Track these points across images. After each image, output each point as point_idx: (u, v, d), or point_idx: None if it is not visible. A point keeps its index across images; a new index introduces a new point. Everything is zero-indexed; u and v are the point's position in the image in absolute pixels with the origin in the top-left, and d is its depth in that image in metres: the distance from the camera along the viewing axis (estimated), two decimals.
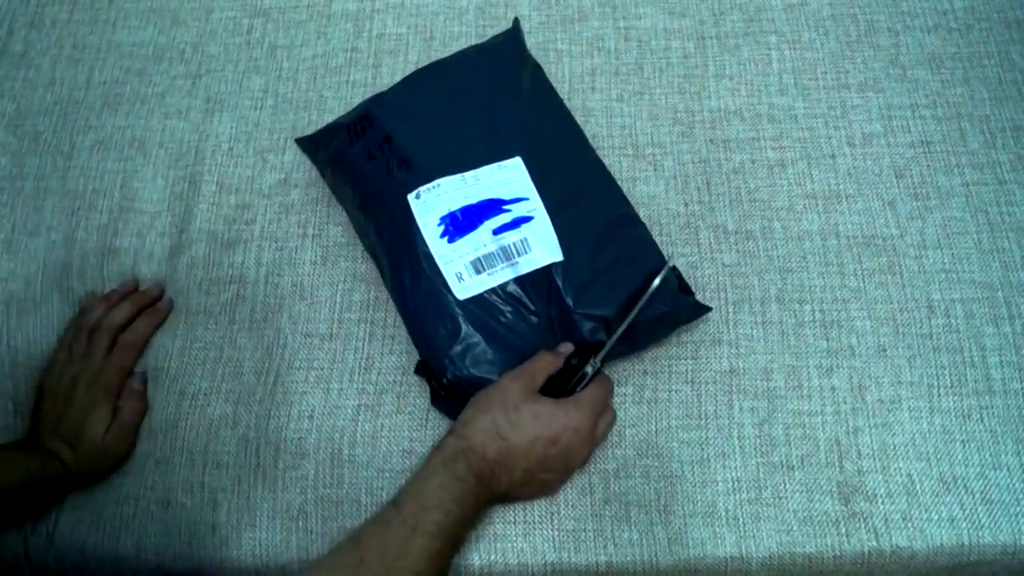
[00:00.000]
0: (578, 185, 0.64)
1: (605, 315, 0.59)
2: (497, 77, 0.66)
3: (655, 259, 0.62)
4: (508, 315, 0.60)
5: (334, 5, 0.79)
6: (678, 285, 0.62)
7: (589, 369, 0.58)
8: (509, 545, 0.58)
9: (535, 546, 0.58)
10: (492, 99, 0.65)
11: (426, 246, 0.60)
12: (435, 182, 0.62)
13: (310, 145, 0.71)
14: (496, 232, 0.60)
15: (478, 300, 0.59)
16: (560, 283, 0.59)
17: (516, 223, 0.60)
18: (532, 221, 0.61)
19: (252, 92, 0.75)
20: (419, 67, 0.68)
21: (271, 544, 0.59)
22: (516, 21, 0.72)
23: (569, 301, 0.59)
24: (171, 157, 0.73)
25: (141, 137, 0.74)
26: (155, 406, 0.63)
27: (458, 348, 0.59)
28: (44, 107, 0.76)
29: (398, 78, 0.74)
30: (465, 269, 0.60)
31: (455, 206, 0.61)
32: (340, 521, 0.60)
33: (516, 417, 0.54)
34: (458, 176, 0.62)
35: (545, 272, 0.59)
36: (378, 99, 0.67)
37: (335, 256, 0.68)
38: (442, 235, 0.60)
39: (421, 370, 0.62)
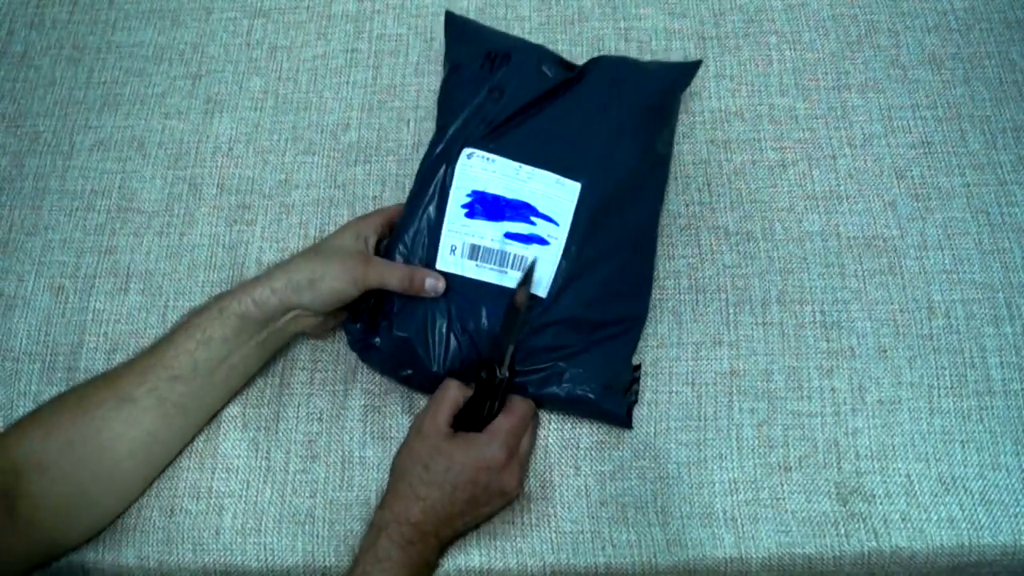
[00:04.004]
0: (616, 247, 0.61)
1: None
2: (634, 105, 0.64)
3: (626, 357, 0.61)
4: (462, 306, 0.59)
5: (334, 6, 0.79)
6: (628, 386, 0.61)
7: (505, 374, 0.57)
8: (509, 544, 0.59)
9: (533, 547, 0.58)
10: (611, 121, 0.63)
11: (445, 205, 0.60)
12: (494, 156, 0.61)
13: (457, 26, 0.69)
14: (507, 236, 0.60)
15: (449, 277, 0.59)
16: (525, 315, 0.58)
17: (530, 239, 0.60)
18: (546, 247, 0.60)
19: (252, 93, 0.75)
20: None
21: (277, 549, 0.59)
22: (697, 64, 0.69)
23: (520, 335, 0.58)
24: (171, 158, 0.73)
25: (141, 138, 0.74)
26: None
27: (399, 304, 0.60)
28: (44, 107, 0.76)
29: (398, 79, 0.75)
30: (462, 246, 0.60)
31: (492, 189, 0.61)
32: (348, 524, 0.60)
33: (428, 475, 0.54)
34: (516, 164, 0.61)
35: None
36: (530, 51, 0.66)
37: None
38: (464, 205, 0.61)
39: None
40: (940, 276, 0.65)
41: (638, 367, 0.63)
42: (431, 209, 0.61)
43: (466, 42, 0.68)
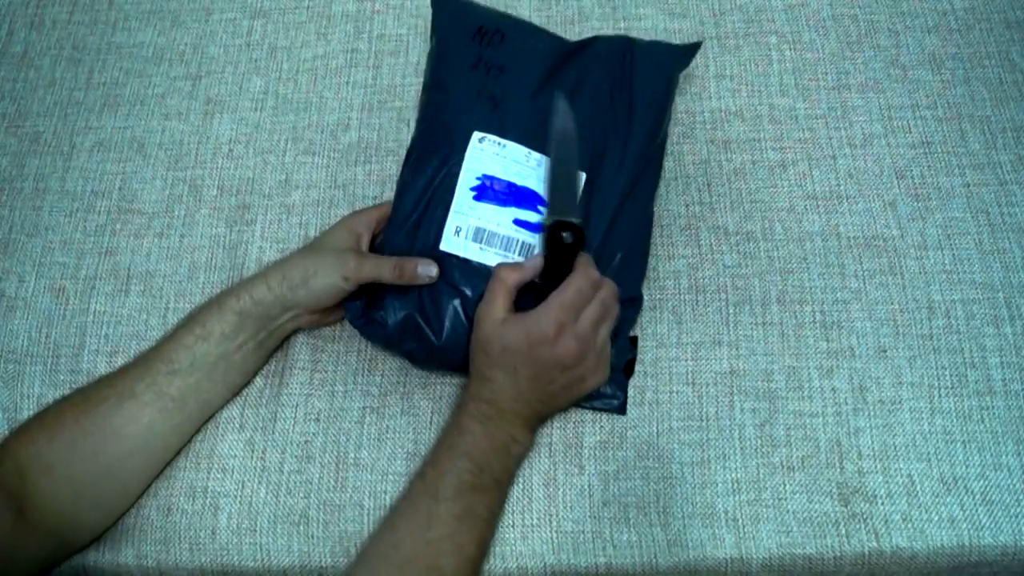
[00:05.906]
0: (622, 234, 0.62)
1: None
2: (643, 88, 0.64)
3: (626, 340, 0.62)
4: (461, 280, 0.59)
5: (334, 6, 0.79)
6: (625, 366, 0.62)
7: (565, 236, 0.56)
8: (508, 549, 0.58)
9: (534, 549, 0.58)
10: (621, 107, 0.64)
11: (453, 184, 0.60)
12: (505, 142, 0.62)
13: (444, 1, 0.68)
14: (516, 223, 0.60)
15: (447, 257, 0.59)
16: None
17: (539, 228, 0.60)
18: None
19: (252, 93, 0.75)
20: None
21: (272, 549, 0.59)
22: (698, 46, 0.69)
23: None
24: (171, 159, 0.73)
25: (141, 138, 0.74)
26: None
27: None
28: (44, 108, 0.76)
29: (398, 79, 0.75)
30: (467, 228, 0.60)
31: (502, 174, 0.61)
32: (342, 526, 0.59)
33: (489, 359, 0.55)
34: (526, 150, 0.62)
35: None
36: (522, 27, 0.66)
37: None
38: (473, 188, 0.61)
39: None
40: (940, 276, 0.65)
41: (635, 339, 0.63)
42: (432, 188, 0.61)
43: (455, 16, 0.67)
